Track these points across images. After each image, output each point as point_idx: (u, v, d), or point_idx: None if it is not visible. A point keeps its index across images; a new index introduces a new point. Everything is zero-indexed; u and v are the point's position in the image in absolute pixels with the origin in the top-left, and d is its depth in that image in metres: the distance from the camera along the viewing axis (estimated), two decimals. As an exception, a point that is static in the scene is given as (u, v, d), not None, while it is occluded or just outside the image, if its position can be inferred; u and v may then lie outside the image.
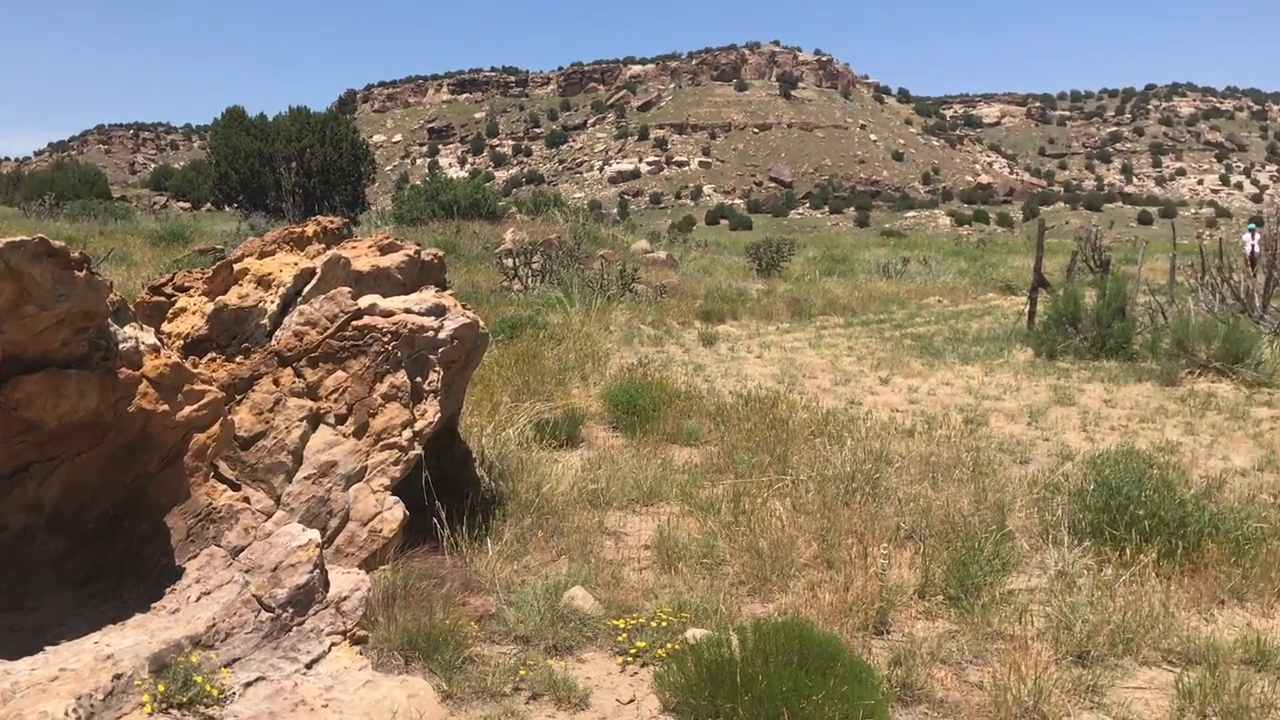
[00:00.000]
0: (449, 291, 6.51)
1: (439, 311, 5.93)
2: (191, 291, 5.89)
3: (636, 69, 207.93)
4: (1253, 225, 34.24)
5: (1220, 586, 5.44)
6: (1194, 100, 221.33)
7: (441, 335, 5.84)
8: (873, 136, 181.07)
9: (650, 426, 8.92)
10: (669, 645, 4.47)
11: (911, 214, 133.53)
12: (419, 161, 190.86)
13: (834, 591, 5.12)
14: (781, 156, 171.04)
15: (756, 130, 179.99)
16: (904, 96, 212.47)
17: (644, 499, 6.99)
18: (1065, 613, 4.92)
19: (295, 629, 4.44)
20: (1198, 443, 9.48)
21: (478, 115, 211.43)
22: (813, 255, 38.26)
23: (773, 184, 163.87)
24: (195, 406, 4.62)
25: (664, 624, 4.76)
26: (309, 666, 4.28)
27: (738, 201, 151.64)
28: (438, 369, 5.80)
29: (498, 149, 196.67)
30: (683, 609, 4.98)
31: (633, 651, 4.58)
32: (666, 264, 27.47)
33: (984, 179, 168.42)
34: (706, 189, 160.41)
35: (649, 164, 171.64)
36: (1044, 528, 6.19)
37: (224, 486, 4.81)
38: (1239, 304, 17.15)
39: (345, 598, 4.69)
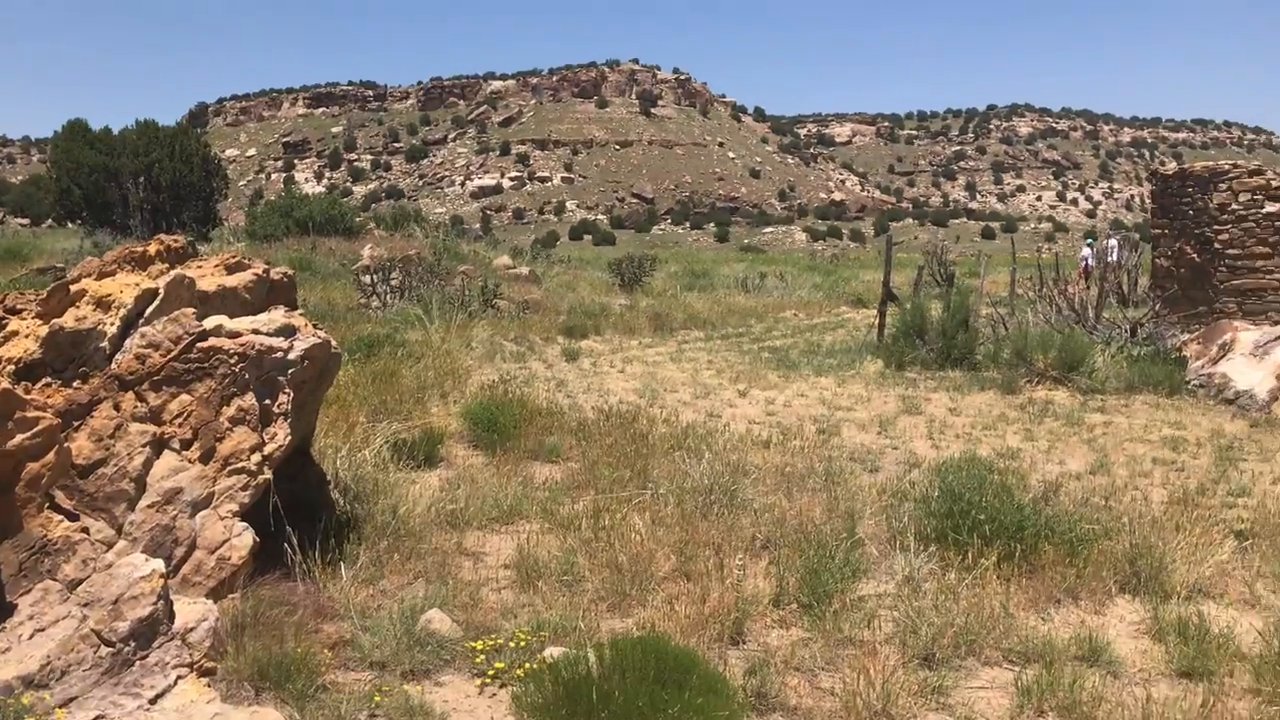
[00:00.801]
0: (300, 311, 6.37)
1: (288, 332, 5.79)
2: (24, 314, 5.63)
3: (497, 84, 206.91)
4: (1089, 240, 36.16)
5: (1056, 586, 5.71)
6: (1032, 120, 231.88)
7: (291, 356, 5.71)
8: (731, 154, 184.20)
9: (511, 444, 8.88)
10: (527, 665, 4.46)
11: (769, 230, 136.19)
12: (274, 176, 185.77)
13: (691, 604, 5.19)
14: (643, 173, 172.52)
15: (618, 147, 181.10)
16: (760, 115, 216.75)
17: (504, 518, 6.96)
18: (912, 617, 5.09)
19: (138, 663, 4.28)
20: (1036, 448, 9.94)
21: (335, 129, 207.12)
22: (674, 270, 38.68)
23: (635, 200, 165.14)
24: (27, 435, 4.42)
25: (522, 644, 4.75)
26: (153, 702, 4.14)
27: (601, 217, 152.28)
28: (288, 391, 5.66)
29: (356, 164, 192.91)
30: (541, 628, 4.97)
31: (491, 673, 4.56)
32: (529, 280, 27.41)
33: (837, 196, 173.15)
34: (570, 204, 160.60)
35: (511, 179, 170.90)
36: (892, 534, 6.40)
37: (60, 517, 4.62)
38: (1074, 315, 18.02)
39: (192, 629, 4.55)
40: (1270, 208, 19.46)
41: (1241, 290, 19.44)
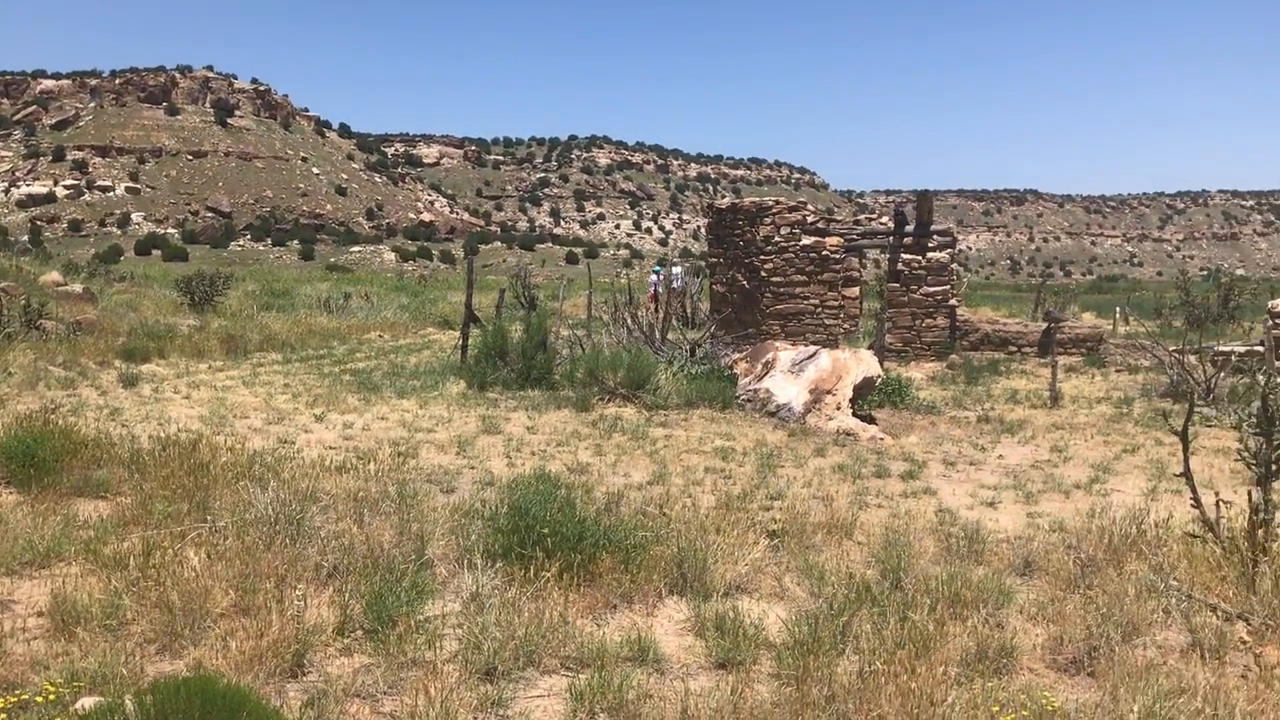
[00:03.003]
0: None
1: None
2: None
3: (49, 84, 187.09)
4: (657, 267, 38.61)
5: (613, 592, 6.05)
6: (610, 152, 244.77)
7: None
8: (315, 170, 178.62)
9: (51, 480, 8.05)
10: (57, 719, 4.07)
11: (357, 249, 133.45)
12: None
13: (248, 639, 4.97)
14: (219, 185, 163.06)
15: (191, 157, 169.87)
16: (345, 132, 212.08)
17: (39, 560, 6.31)
18: (475, 633, 5.19)
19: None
20: (604, 462, 10.48)
21: None
22: (252, 289, 36.92)
23: (210, 214, 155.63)
24: None
25: (52, 697, 4.32)
26: None
27: (172, 231, 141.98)
28: None
29: None
30: (76, 677, 4.56)
31: (12, 733, 4.11)
32: (83, 298, 25.01)
33: (426, 216, 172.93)
34: (135, 217, 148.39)
35: (66, 187, 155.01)
36: (461, 553, 6.48)
37: None
38: (643, 336, 19.19)
39: None
40: (806, 240, 21.81)
41: (784, 314, 21.63)
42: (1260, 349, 17.81)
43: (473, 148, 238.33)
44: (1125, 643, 5.39)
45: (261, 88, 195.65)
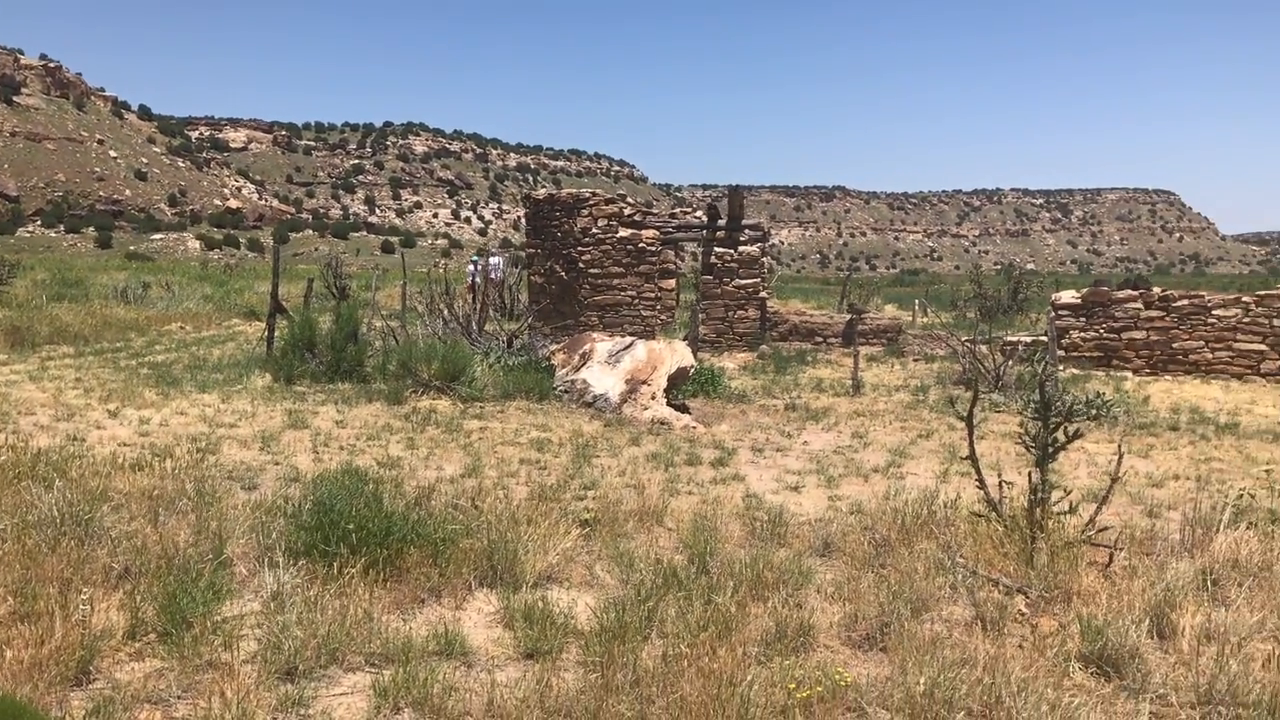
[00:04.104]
0: None
1: None
2: None
3: None
4: (475, 257, 38.27)
5: (421, 587, 5.98)
6: (427, 140, 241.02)
7: None
8: (113, 153, 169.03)
9: None
10: None
11: (159, 236, 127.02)
12: None
13: (27, 648, 4.70)
14: (4, 168, 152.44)
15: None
16: (145, 114, 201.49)
17: None
18: (276, 633, 5.05)
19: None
20: (416, 456, 10.34)
21: None
22: (42, 278, 34.73)
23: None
24: None
25: None
26: None
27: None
28: None
29: None
30: None
31: None
32: None
33: (233, 203, 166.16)
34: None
35: None
36: (263, 552, 6.29)
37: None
38: (460, 327, 18.98)
39: None
40: (624, 232, 22.02)
41: (602, 305, 21.79)
42: (1045, 339, 18.98)
43: (283, 132, 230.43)
44: (915, 618, 5.68)
45: (51, 64, 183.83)
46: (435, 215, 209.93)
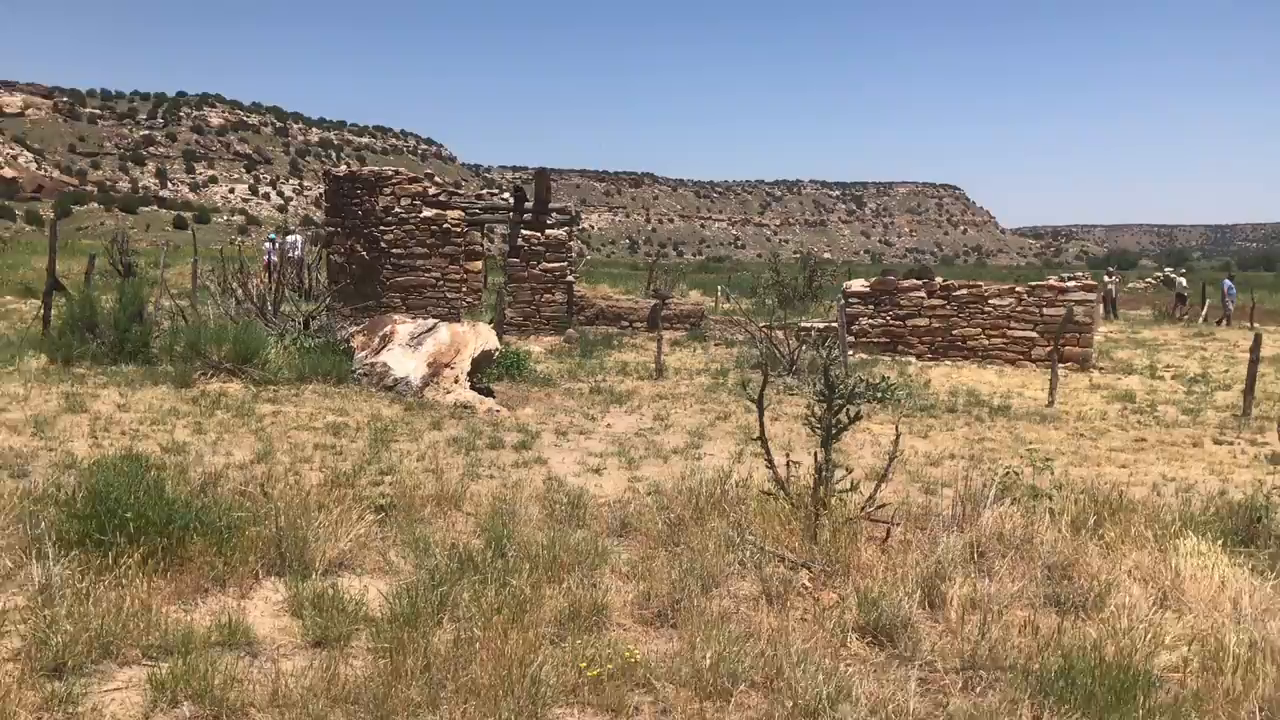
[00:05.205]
0: None
1: None
2: None
3: None
4: (272, 234, 36.96)
5: (204, 576, 5.76)
6: (223, 112, 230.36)
7: None
8: None
9: None
10: None
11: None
12: None
13: None
14: None
15: None
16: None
17: None
18: (43, 628, 4.78)
19: None
20: (204, 441, 9.93)
21: None
22: None
23: None
24: None
25: None
26: None
27: None
28: None
29: None
30: None
31: None
32: None
33: (8, 173, 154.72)
34: None
35: None
36: (30, 542, 5.92)
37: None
38: (255, 308, 18.29)
39: None
40: (428, 212, 21.69)
41: (405, 286, 21.43)
42: (837, 325, 19.78)
43: (64, 99, 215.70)
44: (704, 594, 5.85)
45: None
46: (232, 190, 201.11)
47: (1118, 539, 7.04)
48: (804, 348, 17.71)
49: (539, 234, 23.02)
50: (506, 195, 24.34)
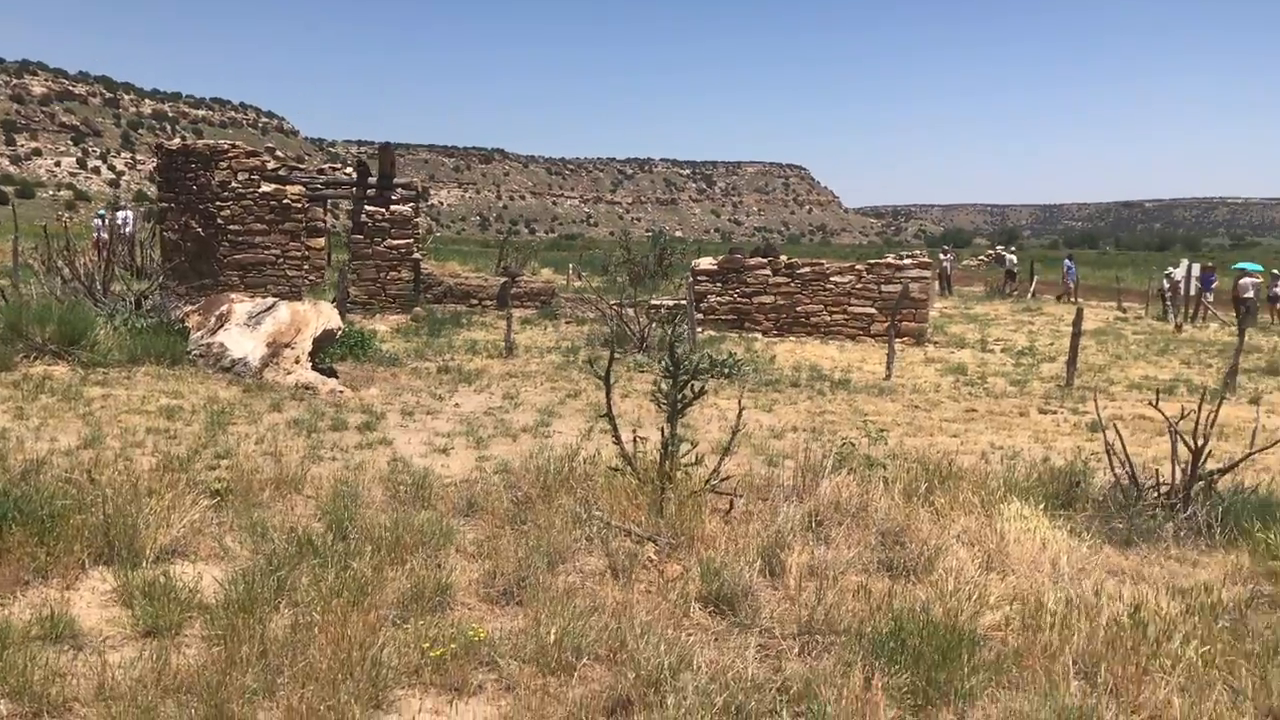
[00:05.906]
0: None
1: None
2: None
3: None
4: (102, 211, 35.23)
5: (25, 568, 5.49)
6: (46, 80, 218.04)
7: None
8: None
9: None
10: None
11: None
12: None
13: None
14: None
15: None
16: None
17: None
18: None
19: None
20: (26, 427, 9.45)
21: None
22: None
23: None
24: None
25: None
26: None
27: None
28: None
29: None
30: None
31: None
32: None
33: None
34: None
35: None
36: None
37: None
38: (83, 287, 17.42)
39: None
40: (267, 188, 21.02)
41: (243, 264, 20.74)
42: (686, 303, 20.02)
43: None
44: (551, 571, 5.87)
45: None
46: (58, 164, 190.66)
47: (948, 505, 7.35)
48: (654, 325, 17.88)
49: (384, 210, 22.53)
50: (350, 170, 23.74)
